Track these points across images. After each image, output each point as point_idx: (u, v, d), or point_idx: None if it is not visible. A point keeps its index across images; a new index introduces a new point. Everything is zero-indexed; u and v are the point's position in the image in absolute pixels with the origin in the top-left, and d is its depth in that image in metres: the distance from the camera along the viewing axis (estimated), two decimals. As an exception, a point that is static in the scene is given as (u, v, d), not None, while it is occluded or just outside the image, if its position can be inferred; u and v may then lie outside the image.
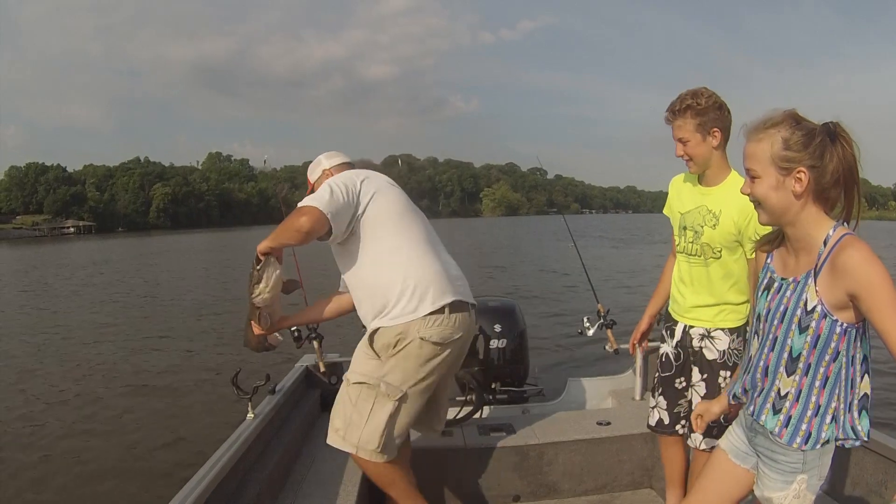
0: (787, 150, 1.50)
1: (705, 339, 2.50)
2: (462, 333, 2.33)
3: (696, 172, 2.47)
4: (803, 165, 1.49)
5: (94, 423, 6.01)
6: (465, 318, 2.35)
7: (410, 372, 2.26)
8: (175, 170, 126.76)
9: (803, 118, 1.53)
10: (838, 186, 1.52)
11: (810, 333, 1.53)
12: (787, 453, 1.61)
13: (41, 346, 9.96)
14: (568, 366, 6.73)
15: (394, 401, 2.26)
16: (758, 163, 1.54)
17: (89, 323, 12.17)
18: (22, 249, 50.04)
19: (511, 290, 14.06)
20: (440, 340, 2.25)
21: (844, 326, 1.51)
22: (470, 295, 2.44)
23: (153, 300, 15.66)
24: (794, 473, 1.62)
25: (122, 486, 4.59)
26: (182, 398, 6.61)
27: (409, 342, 2.23)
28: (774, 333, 1.61)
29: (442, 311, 2.26)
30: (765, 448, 1.68)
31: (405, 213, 2.39)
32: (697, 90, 2.34)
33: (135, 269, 26.24)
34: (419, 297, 2.24)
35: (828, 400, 1.57)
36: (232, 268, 23.97)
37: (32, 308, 15.02)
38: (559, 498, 3.14)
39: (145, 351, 9.18)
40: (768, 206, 1.56)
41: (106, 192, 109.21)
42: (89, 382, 7.61)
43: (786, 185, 1.52)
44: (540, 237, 41.65)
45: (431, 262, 2.33)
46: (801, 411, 1.58)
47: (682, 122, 2.35)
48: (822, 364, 1.54)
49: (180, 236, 68.80)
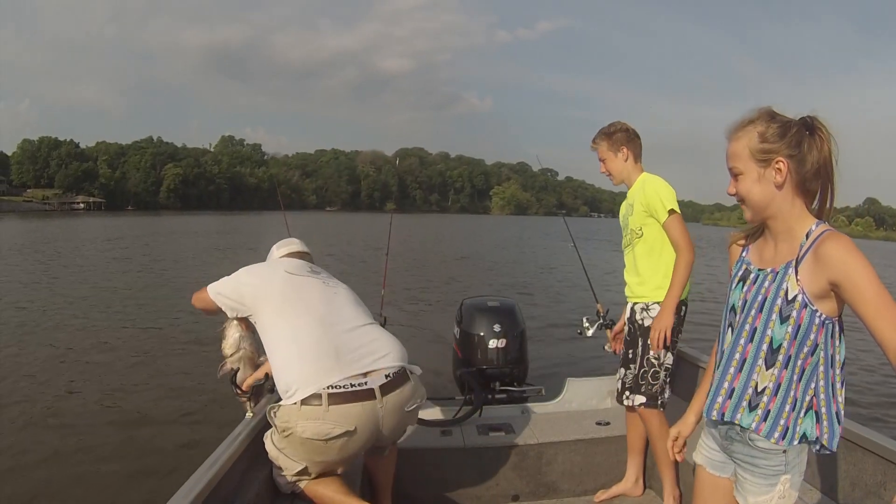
0: (763, 142, 1.55)
1: (644, 311, 2.94)
2: (350, 427, 2.15)
3: (617, 184, 3.11)
4: (781, 155, 1.53)
5: (88, 422, 5.82)
6: (351, 410, 2.15)
7: (303, 455, 2.23)
8: (187, 151, 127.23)
9: (778, 113, 1.58)
10: (818, 179, 1.55)
11: (791, 323, 1.53)
12: (769, 457, 1.61)
13: (28, 326, 9.80)
14: (567, 366, 6.72)
15: (295, 471, 2.26)
16: (738, 160, 1.59)
17: (86, 304, 12.05)
18: (33, 222, 50.16)
19: (511, 290, 14.00)
20: (314, 437, 2.14)
21: (823, 318, 1.52)
22: (384, 368, 2.29)
23: (160, 285, 15.36)
24: (778, 476, 1.62)
25: (121, 484, 4.52)
26: (182, 397, 6.48)
27: (291, 432, 2.18)
28: (752, 324, 1.61)
29: (319, 401, 2.13)
30: (743, 454, 1.66)
31: (288, 302, 2.38)
32: (611, 123, 3.07)
33: (151, 248, 26.35)
34: (296, 386, 2.17)
35: (803, 394, 1.57)
36: (240, 250, 23.96)
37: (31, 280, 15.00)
38: (558, 498, 3.15)
39: (145, 349, 8.79)
40: (752, 202, 1.60)
41: (118, 169, 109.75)
42: (86, 374, 7.40)
43: (766, 177, 1.56)
44: (544, 237, 41.47)
45: (314, 346, 2.26)
46: (779, 406, 1.58)
47: (598, 146, 3.09)
48: (801, 357, 1.55)
49: (190, 217, 68.80)
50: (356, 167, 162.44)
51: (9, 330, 9.45)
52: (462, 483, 3.08)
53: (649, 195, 2.88)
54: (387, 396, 2.22)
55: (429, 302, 13.37)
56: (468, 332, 4.03)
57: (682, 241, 2.79)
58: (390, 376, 2.27)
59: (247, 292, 2.41)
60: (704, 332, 10.98)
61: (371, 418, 2.19)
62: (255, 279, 2.46)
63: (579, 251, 4.52)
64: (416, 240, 35.57)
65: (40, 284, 14.44)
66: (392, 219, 4.81)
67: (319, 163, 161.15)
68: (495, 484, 3.09)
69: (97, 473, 4.68)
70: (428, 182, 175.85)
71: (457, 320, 4.21)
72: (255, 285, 2.43)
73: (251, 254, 18.01)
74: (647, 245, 2.95)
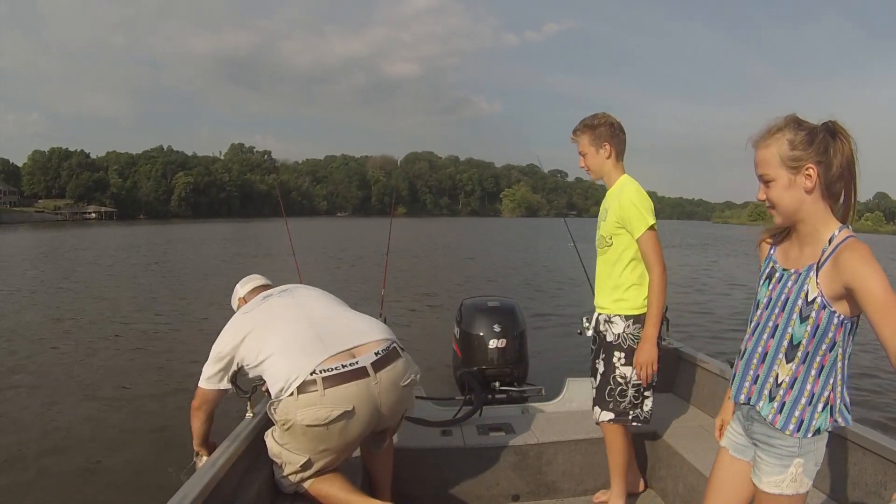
0: (793, 150, 1.60)
1: (607, 323, 2.85)
2: (349, 407, 2.17)
3: (594, 179, 2.92)
4: (811, 162, 1.59)
5: (85, 420, 5.90)
6: (347, 390, 2.17)
7: (305, 446, 2.24)
8: (198, 159, 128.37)
9: (804, 120, 1.63)
10: (842, 180, 1.62)
11: (810, 323, 1.62)
12: (784, 437, 1.68)
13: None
14: (567, 366, 6.71)
15: (299, 464, 2.27)
16: (769, 167, 1.64)
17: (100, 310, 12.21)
18: (44, 233, 50.67)
19: (511, 290, 13.97)
20: (315, 423, 2.15)
21: (841, 318, 1.60)
22: (369, 343, 2.31)
23: (172, 290, 15.53)
24: (791, 457, 1.68)
25: (119, 484, 4.53)
26: (181, 397, 6.37)
27: (291, 424, 2.19)
28: (775, 321, 1.70)
29: (315, 387, 2.14)
30: (761, 434, 1.74)
31: (265, 328, 2.37)
32: (595, 114, 2.86)
33: (167, 254, 26.73)
34: (290, 380, 2.18)
35: (821, 389, 1.65)
36: (250, 257, 24.13)
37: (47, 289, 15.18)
38: (558, 498, 3.14)
39: (147, 347, 9.00)
40: (782, 207, 1.66)
41: (128, 179, 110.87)
42: (87, 372, 7.57)
43: (797, 184, 1.62)
44: (551, 238, 41.41)
45: (297, 342, 2.28)
46: (794, 398, 1.66)
47: (579, 138, 2.87)
48: (819, 353, 1.63)
49: (202, 225, 69.29)
50: (366, 172, 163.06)
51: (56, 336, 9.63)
52: (462, 483, 3.07)
53: (625, 207, 2.73)
54: (380, 373, 2.23)
55: (429, 302, 13.41)
56: (468, 332, 4.04)
57: (656, 259, 2.70)
58: (380, 353, 2.28)
59: (234, 355, 2.40)
60: (706, 329, 10.90)
61: (368, 396, 2.20)
62: (229, 342, 2.42)
63: (579, 251, 4.49)
64: (421, 243, 35.71)
65: (73, 290, 14.81)
66: (392, 221, 4.82)
67: (329, 168, 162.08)
68: (495, 484, 3.08)
69: (97, 474, 4.70)
70: (438, 186, 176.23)
71: (457, 320, 4.22)
72: (233, 344, 2.41)
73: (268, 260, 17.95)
74: (614, 255, 2.83)
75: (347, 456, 2.41)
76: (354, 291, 12.58)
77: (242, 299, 2.79)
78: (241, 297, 2.80)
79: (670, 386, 3.78)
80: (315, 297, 2.57)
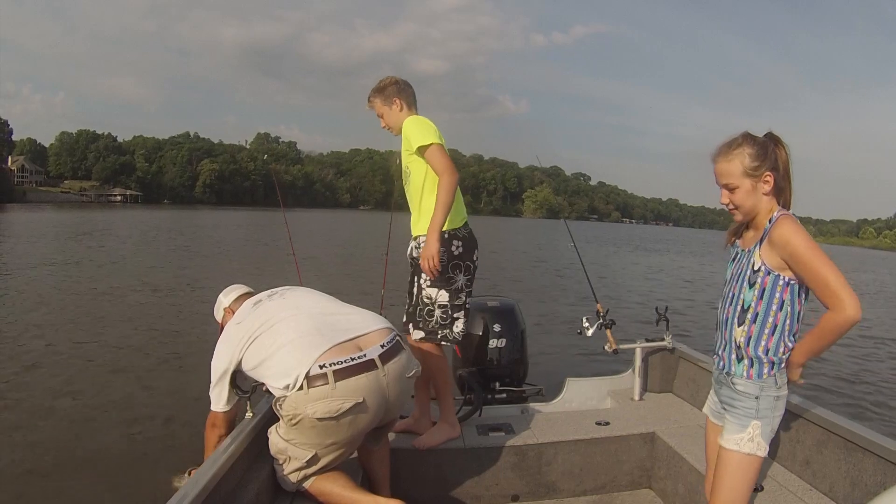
0: (753, 161, 1.96)
1: (417, 249, 3.02)
2: (359, 399, 2.19)
3: (396, 135, 3.08)
4: (767, 169, 1.96)
5: (84, 419, 5.70)
6: (358, 382, 2.20)
7: (313, 440, 2.25)
8: (223, 147, 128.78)
9: (755, 135, 2.01)
10: (786, 178, 2.01)
11: (757, 287, 1.98)
12: (743, 399, 2.02)
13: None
14: (567, 366, 6.68)
15: (304, 460, 2.28)
16: (733, 177, 1.99)
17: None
18: (74, 212, 51.03)
19: (511, 291, 13.91)
20: (326, 415, 2.16)
21: (787, 279, 1.94)
22: (371, 332, 2.36)
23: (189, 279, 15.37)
24: (749, 418, 2.00)
25: (117, 483, 4.46)
26: (180, 396, 6.30)
27: (300, 418, 2.19)
28: (733, 291, 2.07)
29: (325, 381, 2.16)
30: (727, 398, 2.08)
31: (262, 334, 2.37)
32: (380, 79, 3.11)
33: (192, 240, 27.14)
34: (296, 373, 2.18)
35: (776, 345, 1.98)
36: (270, 245, 24.23)
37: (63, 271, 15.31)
38: (558, 498, 3.14)
39: (146, 345, 8.58)
40: (745, 208, 2.01)
41: (154, 163, 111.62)
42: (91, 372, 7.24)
43: (757, 189, 1.98)
44: (562, 239, 41.09)
45: (298, 337, 2.29)
46: (754, 354, 2.00)
47: (373, 104, 3.11)
48: (771, 314, 1.97)
49: (226, 212, 69.39)
50: (390, 167, 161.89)
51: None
52: (462, 483, 3.07)
53: (407, 136, 2.95)
54: (387, 364, 2.28)
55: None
56: (468, 332, 4.03)
57: (443, 166, 2.85)
58: (385, 345, 2.32)
59: (237, 367, 2.41)
60: (702, 332, 10.80)
61: (377, 388, 2.23)
62: (227, 357, 2.42)
63: (578, 251, 4.52)
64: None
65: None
66: (392, 218, 4.70)
67: (354, 162, 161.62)
68: (495, 484, 3.08)
69: (96, 473, 4.63)
70: (461, 184, 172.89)
71: None
72: (233, 358, 2.40)
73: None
74: (416, 183, 3.02)
75: (351, 451, 2.43)
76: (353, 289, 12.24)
77: (228, 309, 2.76)
78: (227, 307, 2.77)
79: (670, 386, 3.78)
80: (307, 296, 2.59)
